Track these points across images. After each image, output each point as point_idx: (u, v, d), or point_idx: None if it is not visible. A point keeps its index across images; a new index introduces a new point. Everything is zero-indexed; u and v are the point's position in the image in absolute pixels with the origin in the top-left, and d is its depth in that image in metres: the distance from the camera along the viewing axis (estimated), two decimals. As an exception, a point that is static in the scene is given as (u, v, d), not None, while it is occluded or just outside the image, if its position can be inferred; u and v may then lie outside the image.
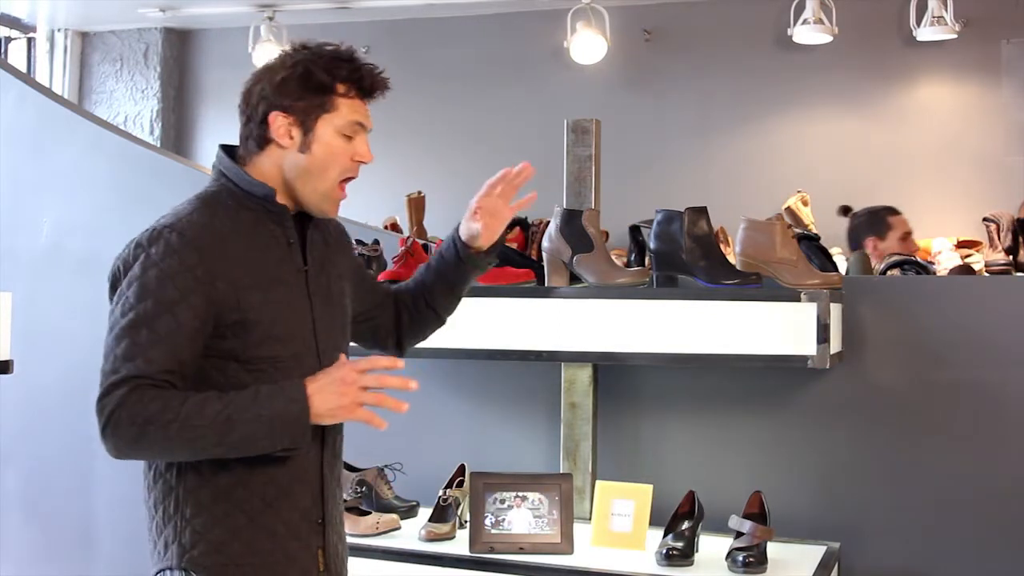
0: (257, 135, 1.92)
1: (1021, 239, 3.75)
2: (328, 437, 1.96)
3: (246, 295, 1.84)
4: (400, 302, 2.23)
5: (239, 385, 1.83)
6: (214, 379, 1.83)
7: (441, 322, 2.26)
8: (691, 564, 2.56)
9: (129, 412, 1.72)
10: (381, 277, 3.00)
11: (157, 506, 1.88)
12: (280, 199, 1.93)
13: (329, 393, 1.77)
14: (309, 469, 1.91)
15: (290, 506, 1.89)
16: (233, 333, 1.83)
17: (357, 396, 1.78)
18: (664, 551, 2.56)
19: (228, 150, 1.97)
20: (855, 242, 4.31)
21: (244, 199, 1.91)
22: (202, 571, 1.84)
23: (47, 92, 3.98)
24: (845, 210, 4.55)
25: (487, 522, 2.66)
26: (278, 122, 1.90)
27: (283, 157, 1.92)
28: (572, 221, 2.85)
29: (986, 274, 3.86)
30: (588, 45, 6.01)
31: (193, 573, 1.84)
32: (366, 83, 1.93)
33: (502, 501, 2.68)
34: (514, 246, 3.11)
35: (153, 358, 1.75)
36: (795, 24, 5.72)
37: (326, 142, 1.91)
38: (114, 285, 1.85)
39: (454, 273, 2.18)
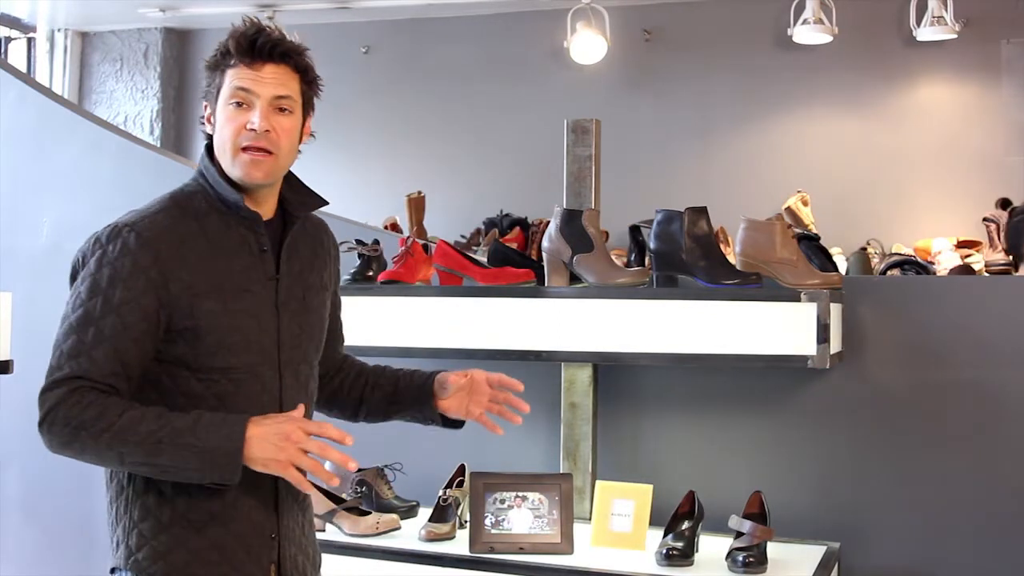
0: (207, 132, 1.93)
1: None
2: None
3: (200, 302, 1.81)
4: (343, 367, 2.16)
5: (189, 393, 1.81)
6: (164, 385, 1.81)
7: (348, 418, 2.16)
8: (691, 564, 2.57)
9: (65, 413, 1.71)
10: (381, 277, 3.00)
11: (112, 503, 1.87)
12: (251, 203, 1.89)
13: (268, 443, 1.72)
14: (261, 483, 1.84)
15: (240, 519, 1.85)
16: (184, 339, 1.80)
17: (294, 456, 1.72)
18: (664, 551, 2.57)
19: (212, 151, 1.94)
20: (1014, 239, 3.96)
21: (216, 203, 1.88)
22: None
23: (47, 92, 3.97)
24: (1004, 203, 4.20)
25: (487, 522, 2.66)
26: (206, 113, 1.92)
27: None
28: (572, 221, 2.85)
29: (986, 274, 3.87)
30: (588, 45, 6.00)
31: None
32: (237, 47, 1.87)
33: (502, 501, 2.68)
34: (514, 246, 3.11)
35: (96, 358, 1.74)
36: (795, 24, 5.72)
37: (219, 116, 1.88)
38: (73, 277, 1.84)
39: (406, 391, 2.10)
